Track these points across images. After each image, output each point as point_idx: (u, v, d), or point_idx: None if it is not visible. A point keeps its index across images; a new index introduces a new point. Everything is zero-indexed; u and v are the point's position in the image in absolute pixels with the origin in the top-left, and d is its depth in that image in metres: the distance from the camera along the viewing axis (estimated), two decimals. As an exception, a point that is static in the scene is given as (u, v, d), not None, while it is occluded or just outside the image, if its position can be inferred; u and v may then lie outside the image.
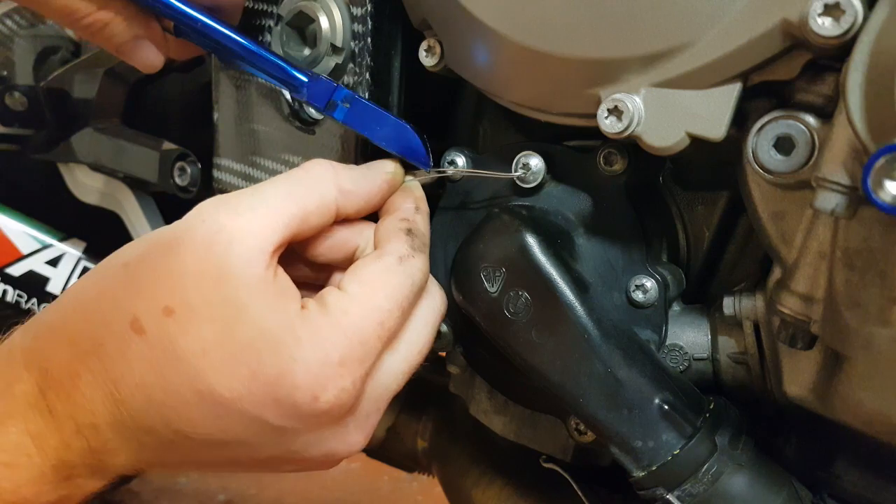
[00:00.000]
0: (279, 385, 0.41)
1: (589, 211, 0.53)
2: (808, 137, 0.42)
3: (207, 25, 0.54)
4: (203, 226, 0.43)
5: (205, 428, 0.42)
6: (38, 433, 0.42)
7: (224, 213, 0.43)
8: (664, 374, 0.49)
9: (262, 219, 0.43)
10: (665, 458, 0.47)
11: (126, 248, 0.46)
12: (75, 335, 0.43)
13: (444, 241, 0.59)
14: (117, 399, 0.42)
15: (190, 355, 0.41)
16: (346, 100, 0.52)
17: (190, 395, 0.41)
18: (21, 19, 0.95)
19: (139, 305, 0.42)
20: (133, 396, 0.42)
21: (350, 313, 0.44)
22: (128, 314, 0.42)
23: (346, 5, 0.57)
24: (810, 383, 0.47)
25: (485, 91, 0.53)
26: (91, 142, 0.89)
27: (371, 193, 0.50)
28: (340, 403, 0.43)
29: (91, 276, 0.46)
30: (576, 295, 0.49)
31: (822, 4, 0.37)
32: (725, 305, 0.50)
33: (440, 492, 0.87)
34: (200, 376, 0.41)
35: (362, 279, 0.45)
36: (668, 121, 0.43)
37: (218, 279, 0.42)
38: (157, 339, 0.41)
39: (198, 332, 0.41)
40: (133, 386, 0.41)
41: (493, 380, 0.62)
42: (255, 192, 0.45)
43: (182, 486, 1.70)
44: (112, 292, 0.43)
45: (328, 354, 0.42)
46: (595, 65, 0.44)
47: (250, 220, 0.43)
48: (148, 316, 0.41)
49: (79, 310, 0.44)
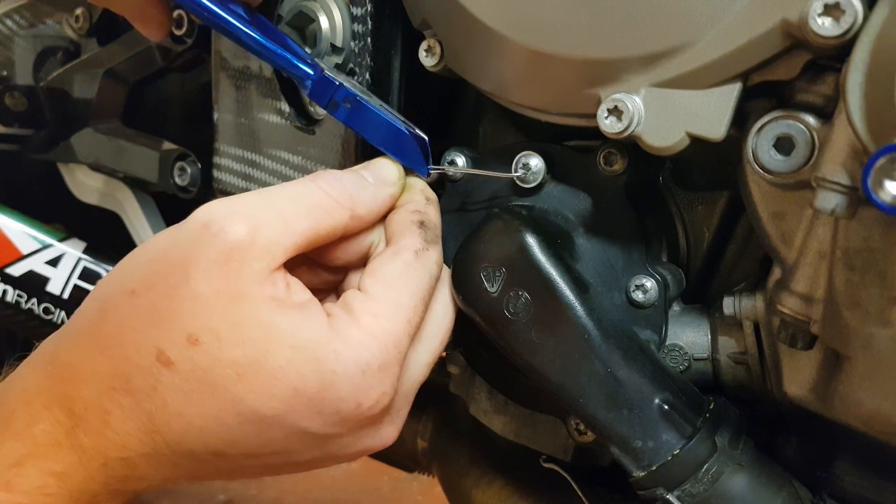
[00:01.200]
0: (323, 398, 0.41)
1: (589, 211, 0.53)
2: (808, 137, 0.42)
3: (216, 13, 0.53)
4: (215, 242, 0.41)
5: (246, 446, 0.42)
6: (63, 471, 0.41)
7: (237, 227, 0.41)
8: (664, 374, 0.49)
9: (277, 236, 0.42)
10: (665, 458, 0.47)
11: (127, 271, 0.44)
12: (98, 373, 0.41)
13: (444, 241, 0.59)
14: (152, 430, 0.41)
15: (225, 381, 0.40)
16: (346, 100, 0.52)
17: (231, 419, 0.41)
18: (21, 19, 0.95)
19: (161, 337, 0.40)
20: (170, 426, 0.41)
21: (379, 316, 0.43)
22: (151, 347, 0.41)
23: (346, 5, 0.57)
24: (810, 383, 0.47)
25: (484, 91, 0.53)
26: (91, 142, 0.88)
27: (380, 213, 0.49)
28: (382, 406, 0.44)
29: (96, 305, 0.43)
30: (576, 295, 0.49)
31: (822, 4, 0.37)
32: (725, 305, 0.50)
33: (440, 492, 0.87)
34: (240, 400, 0.40)
35: (383, 279, 0.45)
36: (668, 121, 0.43)
37: (237, 300, 0.41)
38: (187, 370, 0.40)
39: (229, 358, 0.40)
40: (169, 416, 0.41)
41: (493, 380, 0.62)
42: (268, 202, 0.43)
43: (182, 485, 1.70)
44: (129, 325, 0.41)
45: (368, 363, 0.42)
46: (595, 65, 0.44)
47: (266, 238, 0.42)
48: (173, 347, 0.40)
49: (97, 346, 0.42)
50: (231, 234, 0.41)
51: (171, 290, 0.41)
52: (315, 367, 0.41)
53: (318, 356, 0.41)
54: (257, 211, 0.43)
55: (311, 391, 0.41)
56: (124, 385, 0.41)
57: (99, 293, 0.44)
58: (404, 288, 0.45)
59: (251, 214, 0.42)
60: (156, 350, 0.40)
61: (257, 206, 0.43)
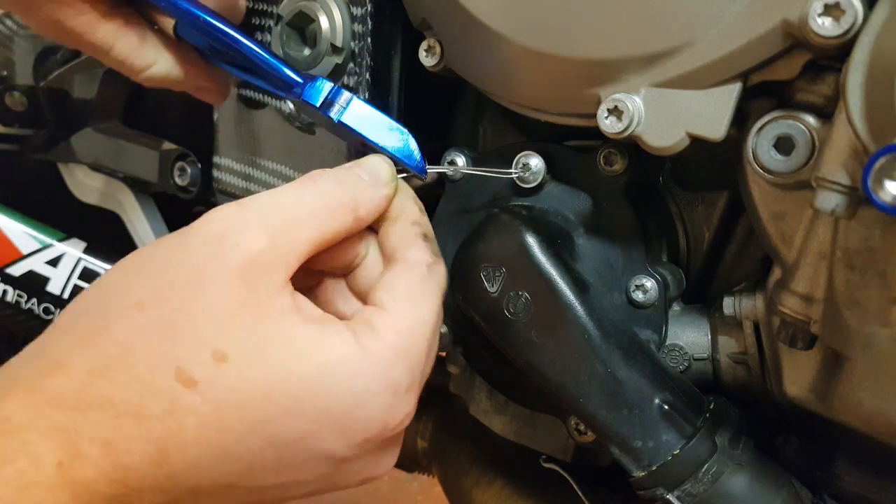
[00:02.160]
0: (352, 418, 0.39)
1: (589, 211, 0.53)
2: (808, 137, 0.42)
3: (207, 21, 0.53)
4: (234, 254, 0.39)
5: (261, 475, 0.39)
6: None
7: (256, 238, 0.39)
8: (664, 374, 0.49)
9: (293, 244, 0.40)
10: (665, 458, 0.47)
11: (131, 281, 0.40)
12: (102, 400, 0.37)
13: (444, 241, 0.59)
14: (160, 460, 0.37)
15: (254, 401, 0.38)
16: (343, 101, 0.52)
17: (254, 443, 0.38)
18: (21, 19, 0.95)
19: (181, 355, 0.37)
20: (183, 454, 0.37)
21: (402, 333, 0.41)
22: (169, 367, 0.37)
23: (346, 5, 0.57)
24: (810, 383, 0.47)
25: (485, 91, 0.53)
26: (91, 142, 0.89)
27: (377, 214, 0.47)
28: (403, 427, 0.42)
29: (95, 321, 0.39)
30: (576, 295, 0.49)
31: (822, 4, 0.37)
32: (725, 305, 0.50)
33: (440, 492, 0.87)
34: (269, 421, 0.38)
35: (402, 294, 0.43)
36: (668, 121, 0.43)
37: (261, 313, 0.38)
38: (213, 389, 0.37)
39: (259, 376, 0.38)
40: (184, 443, 0.37)
41: (493, 380, 0.62)
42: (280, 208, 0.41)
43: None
44: (140, 343, 0.38)
45: (398, 383, 0.41)
46: (595, 65, 0.44)
47: (284, 247, 0.40)
48: (196, 365, 0.37)
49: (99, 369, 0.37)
50: (251, 244, 0.39)
51: (187, 304, 0.38)
52: (347, 386, 0.39)
53: (350, 374, 0.39)
54: (272, 219, 0.41)
55: (340, 410, 0.39)
56: (133, 410, 0.37)
57: (96, 305, 0.39)
58: (423, 303, 0.43)
59: (268, 224, 0.40)
60: (175, 369, 0.37)
61: (271, 214, 0.41)
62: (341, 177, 0.45)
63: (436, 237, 0.56)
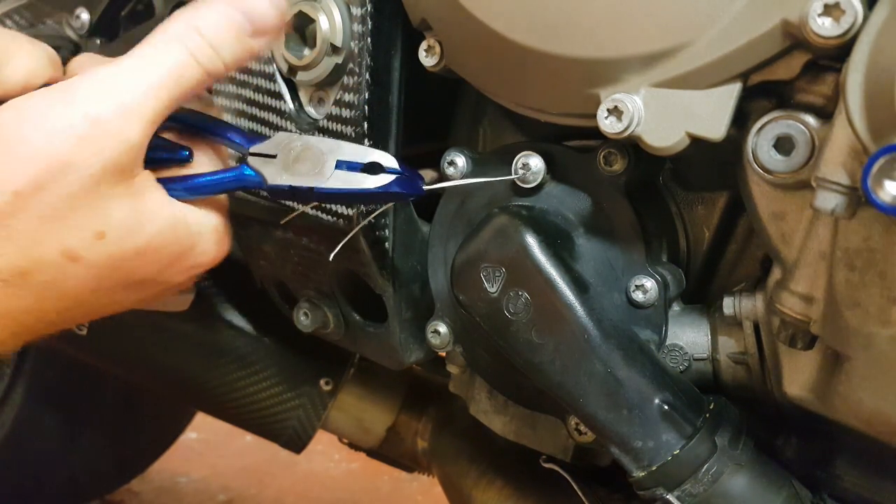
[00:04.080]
0: (195, 254, 0.50)
1: (589, 211, 0.53)
2: (807, 137, 0.42)
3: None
4: (101, 144, 0.43)
5: (121, 301, 0.49)
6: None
7: (132, 128, 0.44)
8: (664, 374, 0.49)
9: (146, 130, 0.45)
10: (665, 458, 0.47)
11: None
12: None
13: (444, 241, 0.59)
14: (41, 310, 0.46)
15: (126, 260, 0.46)
16: (306, 193, 0.49)
17: (120, 284, 0.47)
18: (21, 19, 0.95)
19: (67, 235, 0.44)
20: (54, 304, 0.45)
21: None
22: (57, 245, 0.44)
23: (345, 5, 0.57)
24: (810, 383, 0.47)
25: (485, 91, 0.53)
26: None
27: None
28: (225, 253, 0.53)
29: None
30: (576, 295, 0.49)
31: (822, 4, 0.37)
32: (725, 305, 0.50)
33: (440, 492, 0.87)
34: (133, 270, 0.47)
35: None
36: (668, 121, 0.43)
37: (127, 196, 0.45)
38: (94, 259, 0.45)
39: (130, 242, 0.45)
40: (62, 296, 0.45)
41: (493, 380, 0.62)
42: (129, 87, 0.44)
43: (182, 485, 1.70)
44: (27, 228, 0.43)
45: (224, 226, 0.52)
46: (595, 65, 0.44)
47: (142, 137, 0.44)
48: (80, 243, 0.44)
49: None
50: (116, 138, 0.43)
51: (66, 194, 0.43)
52: (189, 232, 0.49)
53: (191, 222, 0.49)
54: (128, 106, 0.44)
55: (186, 252, 0.49)
56: (23, 279, 0.44)
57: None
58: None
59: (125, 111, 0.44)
60: (62, 248, 0.44)
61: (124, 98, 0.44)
62: (213, 35, 0.47)
63: (436, 237, 0.57)
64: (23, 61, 0.51)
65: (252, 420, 1.00)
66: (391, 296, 0.62)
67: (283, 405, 0.97)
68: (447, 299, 0.59)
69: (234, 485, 1.70)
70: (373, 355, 0.68)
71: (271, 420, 0.98)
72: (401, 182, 0.47)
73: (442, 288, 0.60)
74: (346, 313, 0.68)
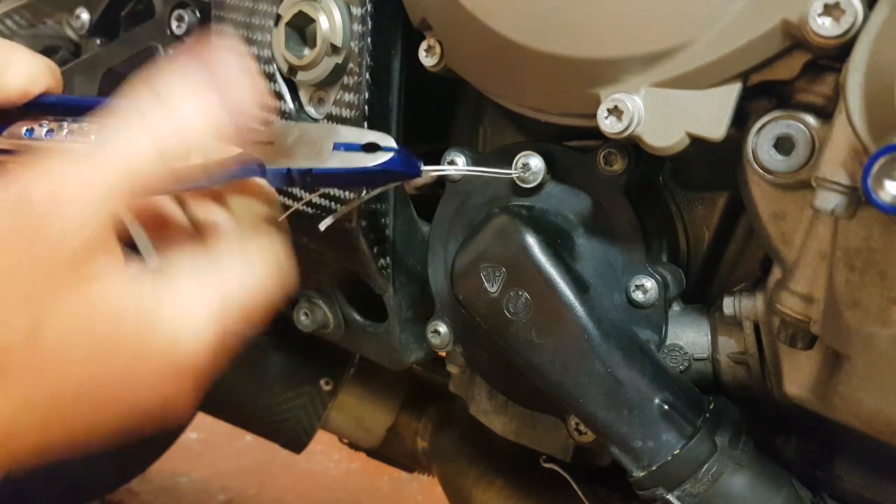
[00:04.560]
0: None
1: (589, 211, 0.53)
2: (807, 137, 0.42)
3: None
4: (62, 234, 0.36)
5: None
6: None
7: (74, 215, 0.37)
8: (664, 374, 0.49)
9: (106, 222, 0.38)
10: (665, 458, 0.47)
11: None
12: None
13: (444, 241, 0.59)
14: None
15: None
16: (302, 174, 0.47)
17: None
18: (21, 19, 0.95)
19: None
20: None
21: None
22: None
23: (345, 5, 0.57)
24: (810, 383, 0.47)
25: (485, 91, 0.53)
26: (91, 142, 0.88)
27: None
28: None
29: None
30: (576, 295, 0.49)
31: (822, 4, 0.37)
32: (725, 305, 0.50)
33: (440, 492, 0.87)
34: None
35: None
36: (667, 121, 0.43)
37: (83, 288, 0.38)
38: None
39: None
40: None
41: (492, 380, 0.62)
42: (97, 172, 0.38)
43: (182, 485, 1.70)
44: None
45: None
46: (595, 65, 0.44)
47: (102, 227, 0.38)
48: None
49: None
50: (77, 231, 0.37)
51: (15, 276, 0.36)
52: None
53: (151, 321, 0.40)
54: (90, 195, 0.37)
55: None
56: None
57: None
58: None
59: (87, 203, 0.37)
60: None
61: (87, 190, 0.38)
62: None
63: (436, 237, 0.56)
64: (23, 68, 0.50)
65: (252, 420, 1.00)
66: (391, 296, 0.63)
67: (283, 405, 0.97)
68: (447, 299, 0.59)
69: (234, 485, 1.70)
70: (373, 355, 0.68)
71: (271, 420, 0.98)
72: (399, 160, 0.46)
73: (442, 288, 0.60)
74: (346, 313, 0.68)
